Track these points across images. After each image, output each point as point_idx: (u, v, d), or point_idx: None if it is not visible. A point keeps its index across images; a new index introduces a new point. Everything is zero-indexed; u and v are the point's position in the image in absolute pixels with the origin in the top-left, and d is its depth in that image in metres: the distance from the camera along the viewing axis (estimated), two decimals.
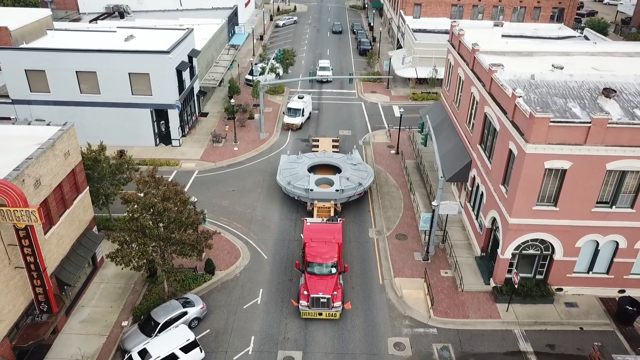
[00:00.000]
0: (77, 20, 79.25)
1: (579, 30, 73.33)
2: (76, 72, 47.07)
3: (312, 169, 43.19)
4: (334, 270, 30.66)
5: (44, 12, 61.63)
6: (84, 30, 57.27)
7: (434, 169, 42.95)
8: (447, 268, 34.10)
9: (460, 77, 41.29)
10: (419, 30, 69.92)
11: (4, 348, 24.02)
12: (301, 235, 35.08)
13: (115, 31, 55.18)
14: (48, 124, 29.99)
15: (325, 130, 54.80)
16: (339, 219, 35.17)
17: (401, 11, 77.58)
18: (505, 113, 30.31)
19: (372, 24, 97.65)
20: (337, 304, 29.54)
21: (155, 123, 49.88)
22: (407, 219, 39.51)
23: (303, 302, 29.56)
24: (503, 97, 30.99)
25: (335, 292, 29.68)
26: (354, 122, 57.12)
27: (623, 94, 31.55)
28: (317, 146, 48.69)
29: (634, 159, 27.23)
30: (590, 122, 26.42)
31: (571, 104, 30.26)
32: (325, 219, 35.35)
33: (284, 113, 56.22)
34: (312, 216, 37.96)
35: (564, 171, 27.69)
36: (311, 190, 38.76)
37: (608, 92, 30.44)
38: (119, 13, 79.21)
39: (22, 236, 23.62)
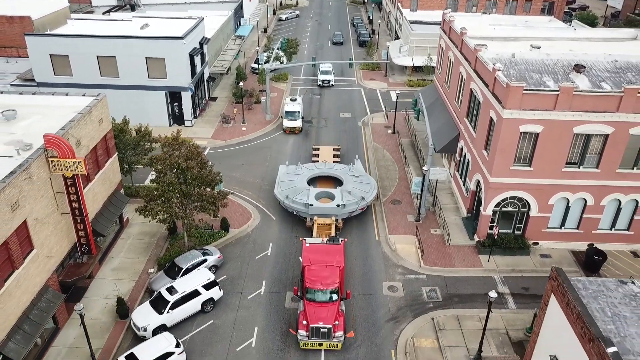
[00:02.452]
0: (90, 12, 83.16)
1: (569, 23, 77.18)
2: (97, 56, 50.95)
3: (312, 180, 41.01)
4: (335, 296, 28.45)
5: (62, 4, 65.76)
6: (102, 20, 61.20)
7: (427, 145, 46.74)
8: (437, 227, 38.08)
9: (450, 59, 45.24)
10: (416, 22, 73.73)
11: (52, 281, 27.99)
12: (300, 258, 33.35)
13: (131, 20, 59.13)
14: (84, 95, 33.95)
15: (327, 112, 58.74)
16: (340, 239, 32.78)
17: (399, 4, 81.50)
18: (487, 86, 34.27)
19: (371, 18, 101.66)
20: (339, 333, 27.43)
21: (169, 105, 53.84)
22: (402, 188, 43.47)
23: (302, 332, 27.44)
24: (485, 73, 34.94)
25: (337, 322, 27.58)
26: (354, 106, 61.08)
27: (592, 70, 35.46)
28: (318, 155, 46.26)
29: (597, 123, 31.17)
30: (558, 90, 30.40)
31: (546, 78, 34.20)
32: (325, 239, 33.06)
33: (281, 117, 55.46)
34: (311, 233, 35.94)
35: (537, 134, 31.66)
36: (311, 205, 36.55)
37: (578, 67, 34.40)
38: (130, 5, 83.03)
39: (69, 184, 27.62)
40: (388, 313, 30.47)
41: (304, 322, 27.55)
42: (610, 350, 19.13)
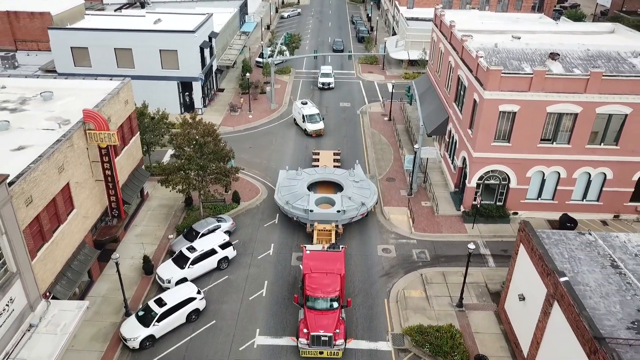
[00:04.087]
0: (102, 10, 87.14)
1: (557, 20, 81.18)
2: (114, 49, 55.01)
3: (312, 185, 41.20)
4: (335, 304, 28.51)
5: (78, 1, 69.60)
6: (117, 15, 65.26)
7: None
8: (427, 200, 42.10)
9: (441, 50, 49.30)
10: (412, 19, 77.74)
11: (88, 239, 32.03)
12: (300, 265, 33.47)
13: (144, 16, 63.24)
14: (110, 79, 37.97)
15: (328, 102, 62.79)
16: (340, 247, 33.15)
17: (396, 2, 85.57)
18: (471, 71, 38.30)
19: (370, 15, 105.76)
20: (340, 341, 27.41)
21: (181, 94, 57.88)
22: (396, 167, 47.50)
23: (302, 340, 27.48)
24: (470, 60, 38.97)
25: (337, 330, 27.55)
26: (353, 96, 65.14)
27: (567, 58, 39.48)
28: (318, 160, 46.48)
29: (568, 103, 35.19)
30: (532, 74, 34.44)
31: (524, 65, 38.22)
32: (326, 246, 33.29)
33: (302, 121, 54.15)
34: (312, 239, 36.27)
35: (514, 113, 35.68)
36: (311, 211, 36.56)
37: (553, 55, 38.42)
38: (140, 3, 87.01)
39: (103, 154, 31.66)
40: (382, 270, 34.51)
41: (305, 331, 27.50)
42: (563, 279, 23.21)
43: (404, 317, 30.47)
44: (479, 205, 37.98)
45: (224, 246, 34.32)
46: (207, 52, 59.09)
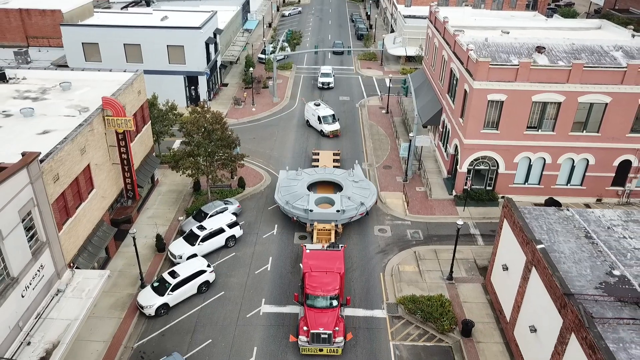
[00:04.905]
0: (108, 9, 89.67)
1: (550, 18, 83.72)
2: (124, 44, 57.52)
3: (312, 185, 41.78)
4: (335, 302, 29.09)
5: None
6: (125, 13, 67.81)
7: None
8: (421, 186, 44.65)
9: (435, 45, 51.84)
10: (409, 16, 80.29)
11: (106, 217, 34.59)
12: (300, 265, 33.39)
13: (151, 13, 65.75)
14: (124, 71, 40.50)
15: (328, 96, 65.27)
16: (340, 246, 33.70)
17: (394, 0, 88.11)
18: (462, 64, 40.83)
19: (369, 14, 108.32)
20: (339, 339, 28.00)
21: (187, 87, 60.42)
22: (393, 156, 50.04)
23: (302, 338, 28.00)
24: (461, 53, 41.50)
25: (337, 328, 28.17)
26: (352, 90, 67.71)
27: (552, 51, 41.99)
28: (317, 160, 47.04)
29: (552, 92, 37.73)
30: (518, 65, 36.97)
31: (512, 57, 40.74)
32: (325, 246, 33.97)
33: (317, 122, 54.38)
34: (311, 238, 37.06)
35: (502, 102, 38.21)
36: (311, 210, 37.08)
37: (540, 48, 40.97)
38: (145, 1, 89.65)
39: (120, 139, 34.20)
40: (378, 248, 37.07)
41: (305, 328, 28.04)
42: (540, 247, 25.77)
43: (398, 289, 33.01)
44: (469, 189, 40.51)
45: (231, 225, 36.86)
46: (212, 47, 61.64)
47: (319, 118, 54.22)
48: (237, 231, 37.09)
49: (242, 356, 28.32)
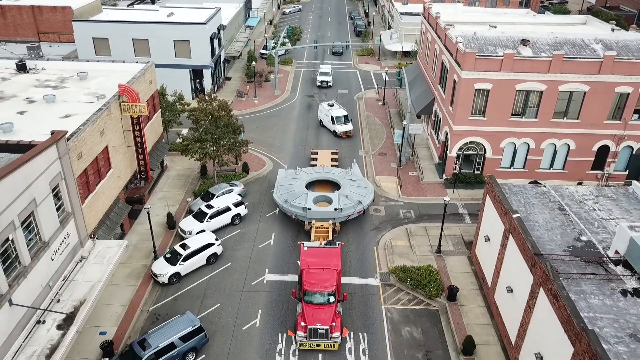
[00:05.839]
0: (114, 6, 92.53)
1: (540, 14, 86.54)
2: (132, 39, 60.39)
3: (310, 184, 42.42)
4: (332, 299, 29.70)
5: None
6: (133, 9, 70.69)
7: (410, 111, 56.26)
8: (414, 171, 47.56)
9: (428, 39, 54.73)
10: (406, 14, 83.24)
11: (121, 196, 37.51)
12: (298, 261, 34.16)
13: (158, 10, 68.64)
14: (136, 62, 43.38)
15: (328, 89, 68.20)
16: (337, 243, 34.06)
17: None
18: (452, 55, 43.71)
19: (367, 11, 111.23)
20: (336, 334, 28.59)
21: (192, 80, 63.29)
22: (388, 144, 52.96)
23: (300, 333, 28.68)
24: (451, 46, 44.38)
25: (334, 323, 28.77)
26: (350, 84, 70.64)
27: (537, 44, 44.80)
28: (316, 159, 47.60)
29: (534, 82, 40.60)
30: (502, 56, 39.85)
31: (498, 50, 43.59)
32: (323, 243, 34.32)
33: (330, 123, 54.72)
34: (309, 236, 37.50)
35: (488, 91, 41.09)
36: (309, 209, 37.73)
37: (524, 41, 43.80)
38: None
39: (134, 123, 37.11)
40: (372, 225, 39.99)
41: (302, 324, 28.71)
42: (515, 216, 28.67)
43: (390, 261, 35.93)
44: (459, 173, 43.40)
45: (237, 204, 39.79)
46: (216, 42, 64.51)
47: (332, 118, 54.50)
48: (242, 210, 40.01)
49: (248, 317, 31.26)
